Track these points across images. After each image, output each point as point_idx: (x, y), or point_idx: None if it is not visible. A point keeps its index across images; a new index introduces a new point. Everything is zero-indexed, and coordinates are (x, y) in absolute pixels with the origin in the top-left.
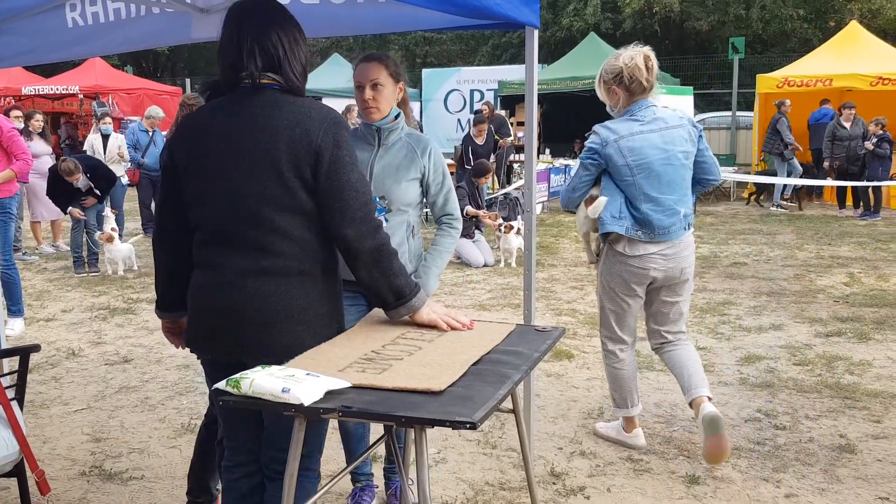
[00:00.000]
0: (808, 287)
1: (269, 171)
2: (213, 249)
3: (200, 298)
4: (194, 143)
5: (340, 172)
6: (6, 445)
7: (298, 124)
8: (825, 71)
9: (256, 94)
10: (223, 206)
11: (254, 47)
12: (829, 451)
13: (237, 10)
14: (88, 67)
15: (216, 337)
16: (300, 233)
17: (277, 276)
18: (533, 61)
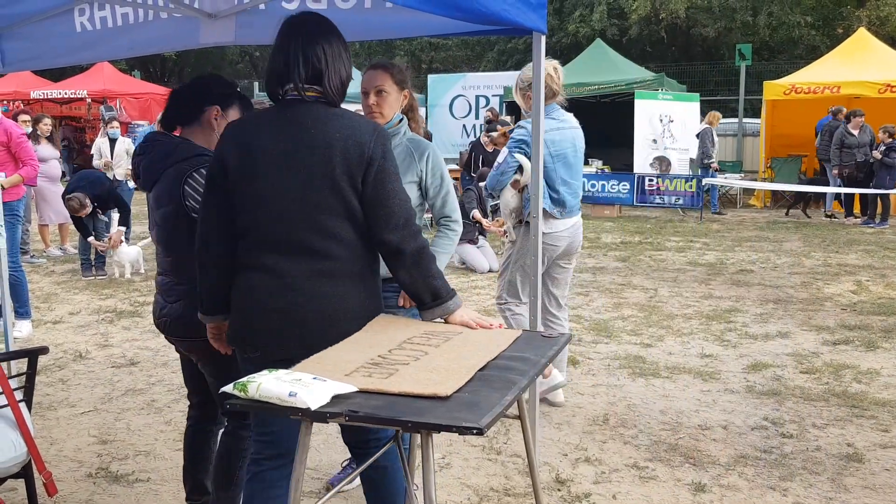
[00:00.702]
0: (816, 295)
1: (326, 181)
2: (267, 253)
3: (253, 300)
4: (246, 152)
5: (386, 181)
6: (14, 447)
7: (350, 136)
8: (833, 78)
9: (303, 106)
10: (280, 212)
11: (298, 60)
12: (836, 460)
13: (288, 25)
14: (96, 72)
15: (270, 336)
16: (351, 237)
17: (333, 277)
18: (540, 67)
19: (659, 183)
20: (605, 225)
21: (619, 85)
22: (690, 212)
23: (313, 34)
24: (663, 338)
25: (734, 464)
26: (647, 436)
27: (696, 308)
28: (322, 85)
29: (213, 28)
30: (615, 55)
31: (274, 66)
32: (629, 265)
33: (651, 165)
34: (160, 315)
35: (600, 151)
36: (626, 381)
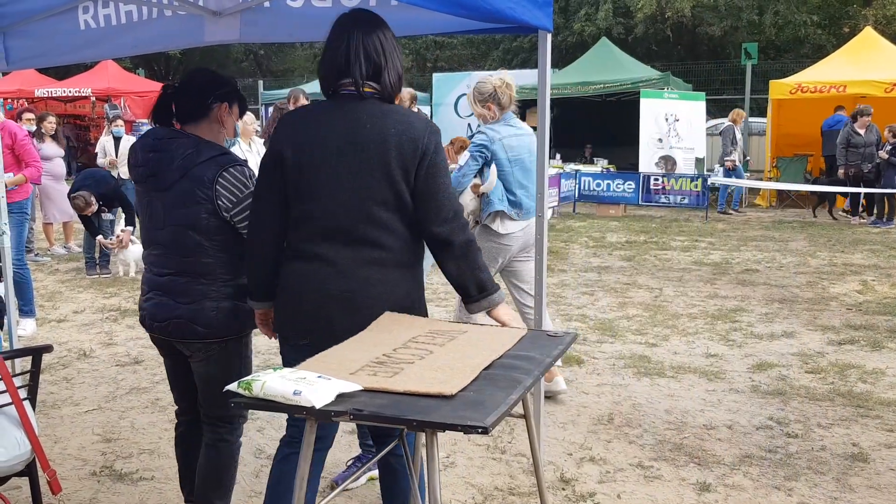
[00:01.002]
0: (821, 294)
1: (380, 174)
2: (320, 243)
3: (305, 288)
4: (303, 145)
5: (437, 176)
6: (18, 445)
7: (405, 132)
8: (839, 77)
9: (360, 102)
10: (337, 203)
11: (360, 55)
12: (841, 460)
13: (346, 19)
14: (101, 70)
15: (321, 324)
16: (402, 229)
17: (383, 266)
18: (546, 65)
19: (664, 182)
20: (610, 224)
21: (624, 84)
22: (696, 211)
23: (371, 30)
24: (668, 337)
25: (739, 463)
26: (651, 435)
27: (702, 307)
28: (380, 81)
29: (218, 26)
30: (621, 54)
31: (333, 59)
32: (634, 264)
33: (656, 165)
34: (166, 318)
35: (605, 150)
36: (631, 381)
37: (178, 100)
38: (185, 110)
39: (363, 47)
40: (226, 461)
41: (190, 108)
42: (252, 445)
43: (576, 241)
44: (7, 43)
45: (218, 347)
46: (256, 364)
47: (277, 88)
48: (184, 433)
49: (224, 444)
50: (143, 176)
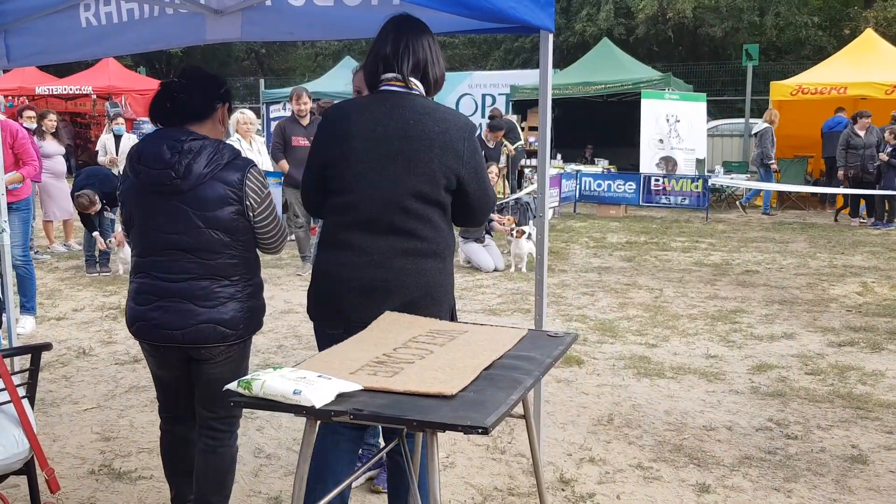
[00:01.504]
0: (821, 296)
1: (423, 170)
2: (358, 232)
3: (340, 277)
4: (347, 137)
5: (480, 175)
6: (17, 443)
7: (447, 131)
8: (840, 79)
9: (403, 98)
10: (375, 195)
11: (408, 51)
12: (840, 462)
13: (397, 19)
14: (102, 68)
15: (356, 312)
16: (437, 220)
17: (418, 256)
18: (547, 65)
19: (665, 183)
20: (610, 225)
21: (625, 84)
22: (697, 212)
23: (420, 32)
24: (668, 338)
25: (738, 465)
26: (651, 436)
27: (702, 308)
28: (425, 80)
29: (220, 24)
30: (622, 54)
31: (380, 52)
32: (635, 265)
33: (657, 165)
34: (185, 325)
35: (606, 151)
36: (631, 382)
37: (182, 99)
38: (191, 110)
39: (412, 46)
40: (228, 464)
41: (196, 108)
42: (251, 445)
43: (576, 242)
44: (8, 40)
45: (238, 348)
46: (256, 363)
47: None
48: (176, 440)
49: (226, 449)
50: (163, 178)
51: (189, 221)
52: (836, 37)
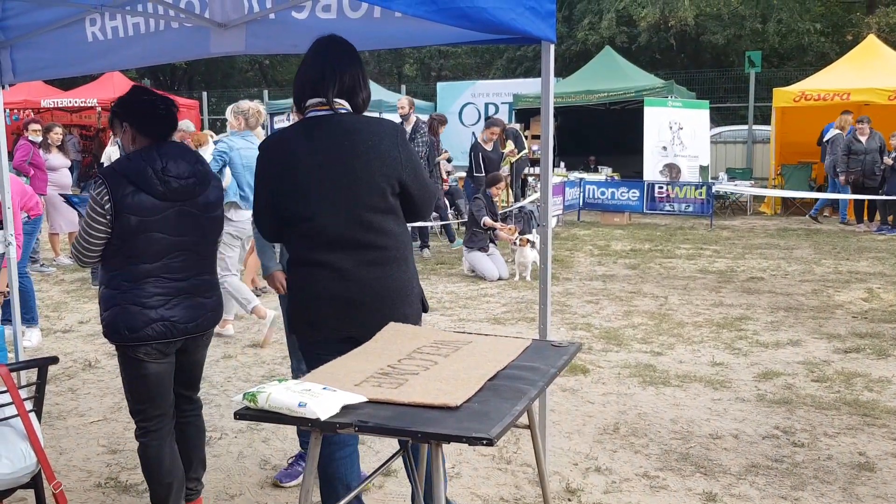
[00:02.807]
0: (826, 302)
1: (368, 184)
2: (324, 251)
3: (313, 292)
4: (292, 169)
5: (419, 173)
6: (24, 457)
7: (379, 144)
8: (843, 85)
9: (330, 122)
10: (333, 216)
11: (334, 77)
12: (847, 469)
13: (324, 43)
14: (106, 80)
15: (331, 321)
16: (392, 227)
17: (381, 264)
18: (549, 75)
19: (669, 190)
20: (614, 232)
21: (628, 92)
22: (701, 219)
23: (345, 54)
24: (674, 346)
25: (745, 473)
26: (657, 445)
27: (707, 316)
28: (352, 101)
29: (224, 38)
30: (624, 62)
31: (306, 77)
32: (639, 273)
33: (661, 173)
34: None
35: (609, 159)
36: (637, 390)
37: (172, 115)
38: (173, 127)
39: (338, 71)
40: (203, 426)
41: (174, 126)
42: (257, 457)
43: (580, 250)
44: (14, 55)
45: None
46: (261, 375)
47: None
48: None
49: (200, 414)
50: (187, 187)
51: (197, 222)
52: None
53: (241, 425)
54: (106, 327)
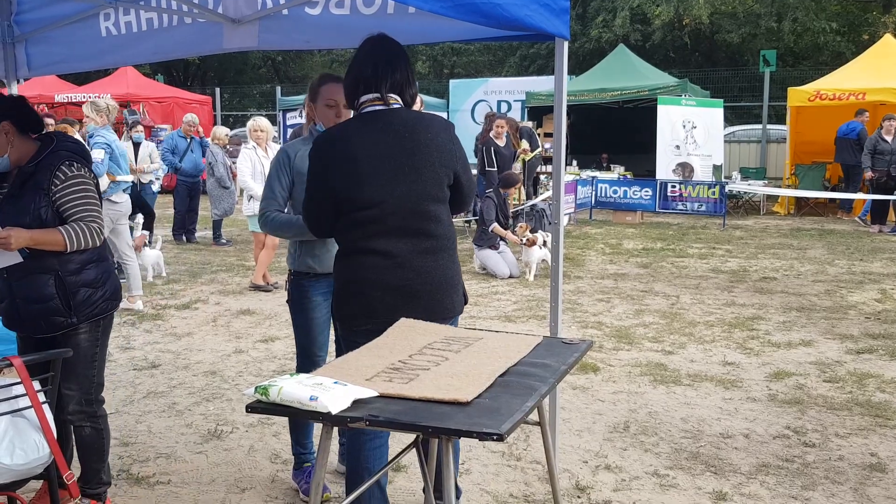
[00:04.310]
0: (839, 303)
1: (430, 175)
2: (380, 239)
3: (368, 279)
4: (353, 160)
5: (469, 169)
6: (38, 448)
7: (437, 136)
8: (858, 84)
9: (389, 115)
10: (396, 206)
11: (387, 73)
12: (859, 470)
13: (376, 41)
14: (120, 76)
15: (386, 310)
16: (445, 218)
17: (435, 253)
18: (563, 72)
19: (681, 189)
20: (626, 231)
21: (641, 90)
22: (714, 218)
23: (396, 53)
24: (685, 345)
25: (756, 472)
26: (667, 443)
27: (719, 315)
28: (402, 95)
29: (237, 33)
30: (638, 60)
31: (360, 74)
32: (651, 272)
33: (674, 171)
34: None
35: (622, 157)
36: (648, 389)
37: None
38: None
39: (389, 67)
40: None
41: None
42: (268, 451)
43: (592, 248)
44: (29, 49)
45: None
46: (272, 370)
47: (295, 94)
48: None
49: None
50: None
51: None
52: (854, 42)
53: (251, 419)
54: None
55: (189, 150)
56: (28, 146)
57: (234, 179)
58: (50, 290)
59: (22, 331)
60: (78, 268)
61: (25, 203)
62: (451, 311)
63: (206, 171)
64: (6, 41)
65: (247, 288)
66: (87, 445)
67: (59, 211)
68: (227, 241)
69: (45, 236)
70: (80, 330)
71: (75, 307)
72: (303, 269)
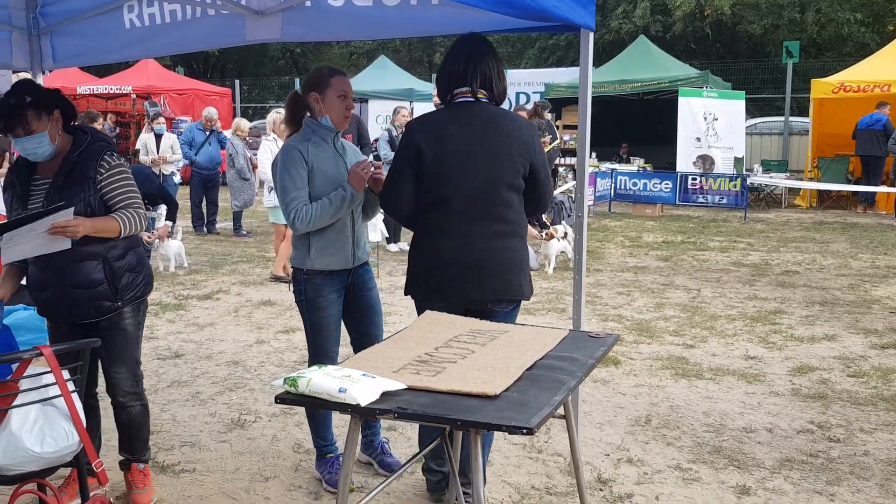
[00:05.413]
0: (863, 297)
1: (509, 164)
2: (456, 219)
3: (443, 258)
4: (441, 142)
5: (546, 162)
6: (67, 436)
7: (519, 129)
8: (883, 76)
9: (478, 106)
10: (470, 187)
11: (477, 70)
12: (884, 466)
13: (468, 41)
14: (141, 67)
15: (456, 288)
16: (517, 204)
17: (505, 236)
18: (588, 63)
19: (702, 182)
20: (646, 224)
21: (662, 82)
22: (735, 211)
23: (486, 51)
24: (706, 339)
25: (780, 467)
26: (690, 437)
27: (740, 309)
28: (491, 91)
29: (260, 25)
30: (658, 52)
31: (453, 70)
32: (671, 265)
33: (694, 164)
34: None
35: (642, 149)
36: (669, 382)
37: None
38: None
39: (480, 65)
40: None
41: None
42: (291, 440)
43: (612, 241)
44: (54, 41)
45: None
46: (294, 360)
47: None
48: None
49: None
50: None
51: None
52: (879, 33)
53: (275, 409)
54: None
55: (207, 144)
56: (66, 137)
57: (254, 171)
58: (99, 276)
59: (68, 317)
60: (122, 253)
61: (74, 192)
62: (520, 292)
63: (227, 163)
64: (31, 33)
65: (267, 279)
66: (139, 423)
67: (105, 199)
68: (248, 233)
69: (104, 223)
70: (124, 314)
71: (120, 291)
72: (318, 268)
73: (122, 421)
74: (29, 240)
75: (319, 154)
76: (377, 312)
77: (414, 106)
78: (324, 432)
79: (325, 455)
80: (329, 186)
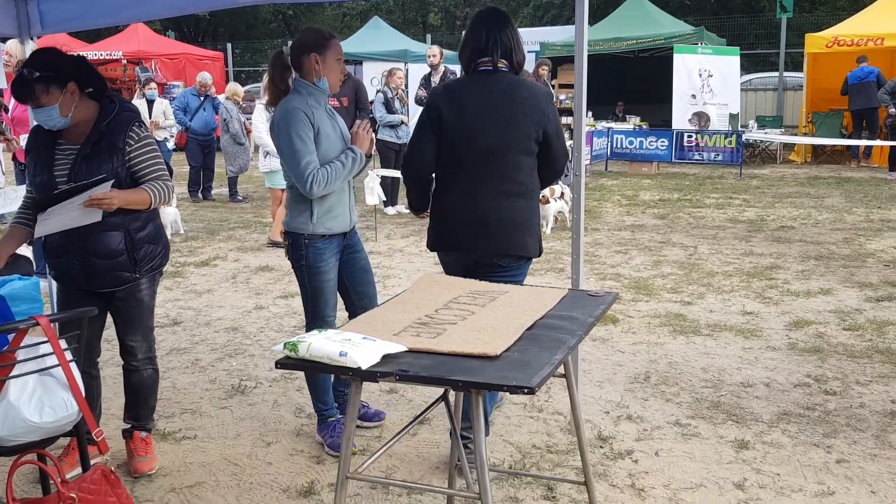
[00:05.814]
0: (858, 251)
1: (520, 126)
2: (467, 178)
3: (454, 213)
4: (462, 105)
5: (560, 131)
6: (66, 406)
7: (535, 97)
8: (876, 30)
9: (496, 74)
10: (483, 148)
11: (498, 42)
12: (880, 417)
13: (486, 14)
14: (131, 32)
15: (464, 241)
16: (528, 167)
17: (511, 196)
18: (583, 22)
19: (698, 139)
20: (643, 182)
21: (657, 39)
22: (730, 168)
23: (505, 24)
24: (704, 295)
25: (777, 421)
26: (688, 393)
27: (737, 265)
28: (510, 60)
29: None
30: (653, 8)
31: (475, 44)
32: (668, 223)
33: (690, 121)
34: None
35: (637, 107)
36: (667, 339)
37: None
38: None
39: (500, 38)
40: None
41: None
42: (292, 405)
43: (608, 200)
44: (41, 6)
45: None
46: (293, 325)
47: None
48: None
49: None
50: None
51: None
52: None
53: (275, 374)
54: None
55: (202, 109)
56: (89, 107)
57: (249, 136)
58: (121, 246)
59: (85, 285)
60: (142, 225)
61: (102, 163)
62: (524, 249)
63: (221, 128)
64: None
65: (265, 244)
66: (149, 386)
67: (132, 170)
68: (244, 198)
69: (136, 195)
70: (141, 284)
71: (139, 262)
72: (320, 232)
73: (133, 383)
74: (65, 212)
75: (321, 116)
76: (370, 272)
77: (409, 67)
78: (323, 396)
79: (327, 419)
80: (333, 150)
